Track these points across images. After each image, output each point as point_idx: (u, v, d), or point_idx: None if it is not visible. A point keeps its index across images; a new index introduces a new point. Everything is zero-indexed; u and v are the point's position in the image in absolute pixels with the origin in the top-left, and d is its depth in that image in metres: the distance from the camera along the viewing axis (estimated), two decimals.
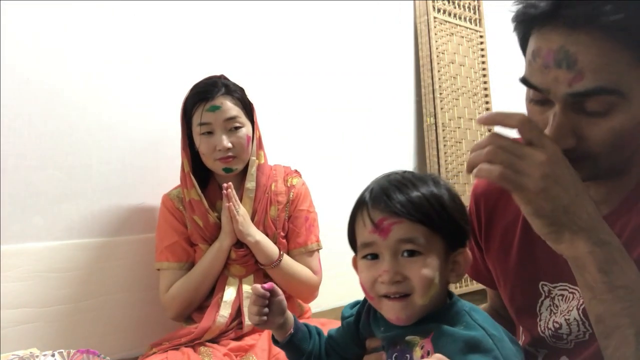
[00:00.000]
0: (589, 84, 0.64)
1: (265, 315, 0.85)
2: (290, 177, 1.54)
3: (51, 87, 1.48)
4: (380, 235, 0.73)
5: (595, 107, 0.65)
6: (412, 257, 0.72)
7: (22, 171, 1.44)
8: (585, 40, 0.63)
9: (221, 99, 1.38)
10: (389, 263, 0.72)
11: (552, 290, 0.81)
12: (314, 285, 1.49)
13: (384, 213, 0.73)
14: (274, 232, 1.46)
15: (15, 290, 1.40)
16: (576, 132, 0.67)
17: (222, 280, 1.43)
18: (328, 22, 2.15)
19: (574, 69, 0.64)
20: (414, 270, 0.72)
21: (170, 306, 1.43)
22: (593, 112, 0.66)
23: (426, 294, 0.72)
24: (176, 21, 1.72)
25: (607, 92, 0.64)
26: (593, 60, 0.63)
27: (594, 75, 0.63)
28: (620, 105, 0.65)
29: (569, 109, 0.67)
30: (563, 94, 0.66)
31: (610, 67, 0.63)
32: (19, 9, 1.43)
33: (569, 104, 0.67)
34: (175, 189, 1.52)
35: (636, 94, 0.64)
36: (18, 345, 1.32)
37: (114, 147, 1.59)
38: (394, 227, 0.72)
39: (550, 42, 0.66)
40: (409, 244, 0.72)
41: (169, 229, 1.46)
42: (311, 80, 2.08)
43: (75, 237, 1.52)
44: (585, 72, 0.64)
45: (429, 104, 2.44)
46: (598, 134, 0.66)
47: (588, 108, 0.66)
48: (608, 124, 0.66)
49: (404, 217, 0.72)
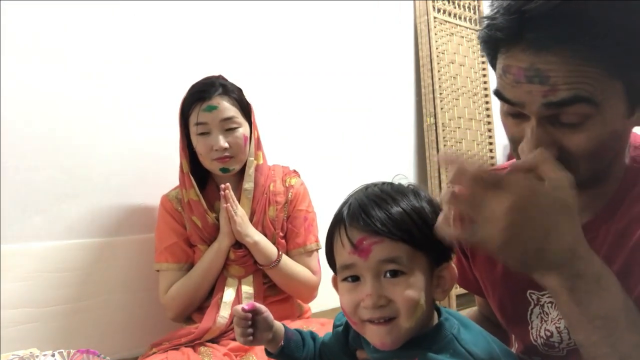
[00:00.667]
0: (564, 94, 0.64)
1: (250, 335, 0.83)
2: (289, 177, 1.54)
3: (51, 87, 1.48)
4: (360, 256, 0.69)
5: (571, 119, 0.65)
6: (395, 277, 0.68)
7: (22, 171, 1.44)
8: (553, 60, 0.63)
9: (218, 99, 1.38)
10: (371, 286, 0.68)
11: (540, 298, 0.81)
12: (313, 285, 1.48)
13: (363, 232, 0.69)
14: (273, 233, 1.46)
15: (15, 290, 1.40)
16: (556, 144, 0.67)
17: (222, 280, 1.43)
18: (328, 22, 2.15)
19: (547, 84, 0.64)
20: (397, 292, 0.68)
21: (170, 307, 1.44)
22: (568, 123, 0.66)
23: (412, 317, 0.68)
24: (176, 21, 1.72)
25: (583, 100, 0.64)
26: (565, 75, 0.63)
27: (568, 86, 0.63)
28: (593, 116, 0.65)
29: (545, 121, 0.67)
30: (538, 106, 0.66)
31: (582, 79, 0.63)
32: (19, 9, 1.43)
33: (544, 116, 0.67)
34: (174, 189, 1.52)
35: (607, 105, 0.64)
36: (18, 345, 1.32)
37: (114, 147, 1.59)
38: (375, 247, 0.68)
39: (520, 62, 0.66)
40: (392, 264, 0.68)
41: (168, 230, 1.46)
42: (311, 80, 2.08)
43: (75, 237, 1.52)
44: (558, 84, 0.64)
45: (429, 104, 2.44)
46: (576, 143, 0.66)
47: (563, 119, 0.66)
48: (584, 134, 0.66)
49: (385, 235, 0.68)
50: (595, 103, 0.64)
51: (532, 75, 0.65)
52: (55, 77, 1.49)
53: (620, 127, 0.68)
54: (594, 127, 0.65)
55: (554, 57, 0.63)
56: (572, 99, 0.63)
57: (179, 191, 1.48)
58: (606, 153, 0.69)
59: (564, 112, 0.65)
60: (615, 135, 0.68)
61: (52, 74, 1.49)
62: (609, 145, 0.68)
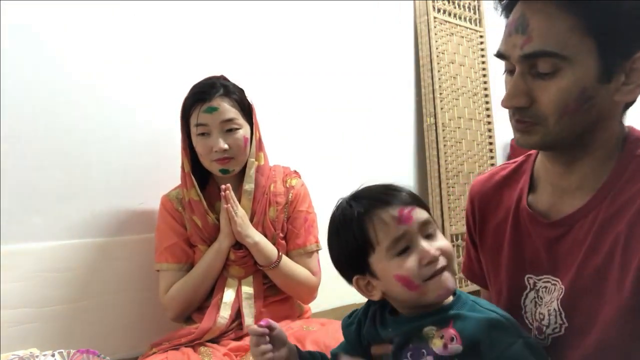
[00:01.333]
0: (535, 46, 0.71)
1: (270, 352, 0.83)
2: (290, 177, 1.54)
3: (51, 87, 1.48)
4: (406, 223, 0.77)
5: (545, 68, 0.72)
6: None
7: (22, 171, 1.44)
8: (537, 6, 0.72)
9: (218, 101, 1.38)
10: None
11: (537, 282, 0.84)
12: (313, 286, 1.48)
13: (400, 205, 0.78)
14: (273, 233, 1.46)
15: (15, 290, 1.40)
16: (530, 95, 0.74)
17: (222, 281, 1.43)
18: (328, 22, 2.15)
19: (525, 33, 0.72)
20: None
21: (170, 307, 1.44)
22: (544, 73, 0.72)
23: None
24: (176, 21, 1.72)
25: (549, 54, 0.71)
26: (540, 24, 0.71)
27: (539, 39, 0.71)
28: (565, 68, 0.71)
29: (526, 72, 0.74)
30: (516, 57, 0.74)
31: (554, 31, 0.71)
32: (19, 9, 1.43)
33: (525, 66, 0.74)
34: (174, 189, 1.52)
35: (580, 58, 0.71)
36: (18, 345, 1.32)
37: (114, 147, 1.59)
38: (412, 212, 0.78)
39: (515, 13, 0.75)
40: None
41: (168, 230, 1.46)
42: (311, 80, 2.07)
43: (75, 237, 1.52)
44: (533, 35, 0.72)
45: (429, 104, 2.44)
46: (547, 94, 0.73)
47: (540, 69, 0.73)
48: (555, 85, 0.72)
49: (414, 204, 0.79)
50: (562, 57, 0.70)
51: (518, 24, 0.73)
52: (55, 77, 1.49)
53: (591, 87, 0.72)
54: (563, 80, 0.71)
55: (540, 6, 0.71)
56: (540, 52, 0.71)
57: (180, 191, 1.48)
58: (576, 112, 0.73)
59: (538, 62, 0.72)
60: (585, 94, 0.72)
61: (52, 74, 1.49)
62: (579, 104, 0.72)
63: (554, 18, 0.70)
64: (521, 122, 0.76)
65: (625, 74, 0.72)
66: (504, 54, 0.76)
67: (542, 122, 0.74)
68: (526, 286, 0.86)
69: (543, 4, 0.71)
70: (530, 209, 0.85)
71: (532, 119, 0.75)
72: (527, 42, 0.72)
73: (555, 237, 0.81)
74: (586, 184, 0.79)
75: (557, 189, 0.83)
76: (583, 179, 0.79)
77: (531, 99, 0.74)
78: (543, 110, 0.74)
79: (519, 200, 0.88)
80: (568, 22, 0.70)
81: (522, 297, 0.86)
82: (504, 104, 0.77)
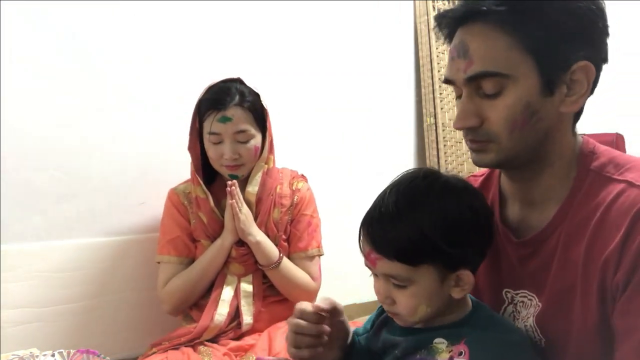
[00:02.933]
0: (477, 68, 0.74)
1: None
2: (296, 180, 1.54)
3: (51, 87, 1.48)
4: (370, 264, 0.77)
5: (489, 89, 0.74)
6: (397, 288, 0.75)
7: (22, 171, 1.44)
8: (475, 31, 0.74)
9: (233, 110, 1.36)
10: (381, 286, 0.78)
11: (514, 297, 0.84)
12: (311, 291, 1.48)
13: (369, 245, 0.77)
14: (275, 235, 1.46)
15: (15, 290, 1.41)
16: (479, 114, 0.76)
17: (221, 278, 1.43)
18: (328, 23, 2.14)
19: (466, 57, 0.75)
20: (400, 298, 0.76)
21: (168, 300, 1.43)
22: (490, 94, 0.75)
23: (413, 316, 0.76)
24: (177, 21, 1.72)
25: (491, 74, 0.73)
26: (479, 47, 0.74)
27: (480, 61, 0.73)
28: (508, 86, 0.73)
29: (473, 93, 0.76)
30: (461, 80, 0.76)
31: (493, 52, 0.73)
32: (19, 9, 1.43)
33: (470, 89, 0.76)
34: (182, 183, 1.51)
35: (521, 75, 0.73)
36: (18, 345, 1.32)
37: (114, 147, 1.59)
38: (378, 262, 0.76)
39: (456, 39, 0.77)
40: (392, 279, 0.75)
41: (172, 224, 1.46)
42: (311, 80, 2.07)
43: (75, 237, 1.52)
44: (474, 58, 0.74)
45: (429, 104, 2.44)
46: (495, 113, 0.75)
47: (485, 90, 0.75)
48: (502, 102, 0.74)
49: (382, 254, 0.74)
50: (504, 75, 0.72)
51: (459, 50, 0.76)
52: (55, 77, 1.49)
53: (535, 101, 0.73)
54: (508, 97, 0.73)
55: (477, 28, 0.74)
56: (482, 73, 0.73)
57: (188, 185, 1.48)
58: (525, 126, 0.74)
59: (483, 83, 0.74)
60: (530, 109, 0.74)
61: (52, 74, 1.49)
62: (526, 118, 0.74)
63: (491, 40, 0.73)
64: (475, 141, 0.78)
65: (567, 86, 0.74)
66: (450, 79, 0.79)
67: (495, 140, 0.76)
68: (504, 300, 0.86)
69: (480, 28, 0.74)
70: (503, 223, 0.86)
71: (485, 137, 0.77)
72: (469, 66, 0.74)
73: (526, 255, 0.81)
74: (551, 197, 0.79)
75: (523, 203, 0.84)
76: (546, 192, 0.80)
77: (481, 118, 0.76)
78: (494, 129, 0.75)
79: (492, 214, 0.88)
80: (506, 42, 0.72)
81: (501, 311, 0.86)
82: (456, 125, 0.79)
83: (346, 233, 2.05)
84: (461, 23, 0.76)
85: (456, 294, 0.76)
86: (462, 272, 0.75)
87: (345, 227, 2.17)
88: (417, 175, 0.79)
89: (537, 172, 0.80)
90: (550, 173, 0.79)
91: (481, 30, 0.74)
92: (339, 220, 1.93)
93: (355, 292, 2.04)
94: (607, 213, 0.72)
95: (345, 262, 2.06)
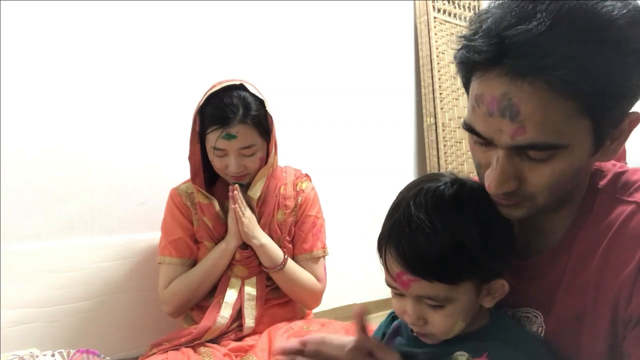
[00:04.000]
0: (532, 138, 0.63)
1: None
2: (300, 181, 1.52)
3: (51, 87, 1.48)
4: (401, 286, 0.72)
5: (538, 156, 0.66)
6: (434, 309, 0.71)
7: (22, 171, 1.44)
8: (528, 90, 0.62)
9: (237, 128, 1.31)
10: (411, 308, 0.72)
11: (515, 313, 0.82)
12: (317, 292, 1.47)
13: (401, 267, 0.70)
14: (279, 236, 1.45)
15: (15, 290, 1.40)
16: (519, 177, 0.68)
17: (225, 280, 1.42)
18: (328, 23, 2.15)
19: (516, 120, 0.63)
20: (435, 319, 0.71)
21: (170, 301, 1.42)
22: (536, 159, 0.66)
23: (447, 334, 0.73)
24: (178, 21, 1.72)
25: (549, 147, 0.64)
26: (535, 112, 0.62)
27: (536, 128, 0.63)
28: (561, 153, 0.65)
29: (513, 154, 0.67)
30: (506, 144, 0.66)
31: (552, 120, 0.62)
32: (19, 9, 1.43)
33: (513, 152, 0.67)
34: (184, 183, 1.50)
35: (577, 142, 0.64)
36: (18, 345, 1.32)
37: (114, 146, 1.59)
38: (412, 284, 0.70)
39: (494, 89, 0.64)
40: (429, 300, 0.70)
41: (175, 224, 1.45)
42: (310, 80, 2.08)
43: (75, 237, 1.52)
44: (527, 124, 0.63)
45: (429, 104, 2.44)
46: (538, 177, 0.67)
47: (531, 155, 0.66)
48: (549, 168, 0.66)
49: (419, 276, 0.69)
50: (563, 146, 0.64)
51: (504, 107, 0.63)
52: (55, 77, 1.49)
53: (585, 164, 0.69)
54: (560, 164, 0.66)
55: (529, 87, 0.61)
56: (539, 145, 0.64)
57: (190, 185, 1.46)
58: (566, 185, 0.70)
59: (531, 150, 0.65)
60: (579, 171, 0.69)
61: (52, 74, 1.49)
62: (570, 178, 0.69)
63: (549, 105, 0.61)
64: (507, 200, 0.71)
65: (611, 139, 0.68)
66: (485, 136, 0.68)
67: (530, 199, 0.69)
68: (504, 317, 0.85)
69: (532, 87, 0.61)
70: None
71: (520, 198, 0.70)
72: (520, 133, 0.63)
73: (529, 276, 0.79)
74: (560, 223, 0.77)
75: (528, 226, 0.80)
76: (557, 220, 0.77)
77: (520, 180, 0.68)
78: (532, 190, 0.68)
79: None
80: (566, 109, 0.62)
81: None
82: (494, 191, 0.69)
83: (345, 233, 2.06)
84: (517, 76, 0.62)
85: (487, 303, 0.74)
86: (497, 282, 0.73)
87: (343, 228, 2.18)
88: (439, 182, 0.73)
89: (556, 209, 0.75)
90: (567, 210, 0.75)
91: (535, 91, 0.61)
92: (339, 220, 1.93)
93: (356, 292, 2.04)
94: (617, 236, 0.68)
95: (346, 263, 2.06)
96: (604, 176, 0.74)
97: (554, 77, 0.60)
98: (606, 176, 0.74)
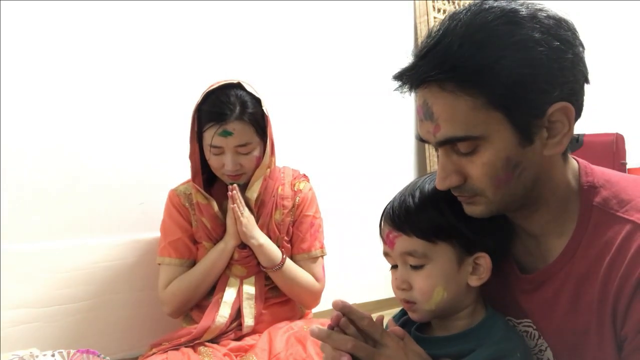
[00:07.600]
0: (446, 133, 0.71)
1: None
2: (298, 181, 1.53)
3: (51, 87, 1.49)
4: (389, 246, 0.81)
5: (464, 149, 0.72)
6: (414, 269, 0.78)
7: (23, 171, 1.44)
8: (437, 93, 0.70)
9: (234, 124, 1.32)
10: (399, 272, 0.80)
11: (516, 325, 0.84)
12: (316, 291, 1.47)
13: (389, 226, 0.80)
14: (278, 236, 1.45)
15: (15, 290, 1.40)
16: (461, 171, 0.74)
17: (223, 280, 1.42)
18: (328, 23, 2.15)
19: (433, 120, 0.72)
20: (416, 279, 0.78)
21: (170, 302, 1.43)
22: (465, 152, 0.72)
23: (429, 302, 0.78)
24: (177, 22, 1.72)
25: (459, 139, 0.70)
26: (442, 110, 0.70)
27: (447, 125, 0.70)
28: (482, 144, 0.70)
29: (449, 152, 0.74)
30: (434, 142, 0.74)
31: (457, 116, 0.69)
32: (19, 9, 1.43)
33: (445, 149, 0.74)
34: (182, 184, 1.50)
35: (493, 132, 0.69)
36: (18, 345, 1.32)
37: (114, 147, 1.59)
38: (396, 240, 0.79)
39: (419, 99, 0.74)
40: (410, 257, 0.78)
41: (173, 225, 1.45)
42: (310, 80, 2.08)
43: (75, 237, 1.52)
44: (440, 122, 0.71)
45: None
46: (475, 170, 0.72)
47: (461, 149, 0.72)
48: (479, 160, 0.71)
49: (401, 231, 0.78)
50: (475, 137, 0.69)
51: (424, 112, 0.73)
52: (55, 77, 1.49)
53: (515, 154, 0.70)
54: (486, 154, 0.71)
55: (438, 90, 0.69)
56: (451, 139, 0.71)
57: (188, 186, 1.46)
58: (510, 180, 0.72)
59: (456, 144, 0.72)
60: (511, 162, 0.71)
61: (52, 74, 1.49)
62: (509, 173, 0.71)
63: (453, 102, 0.69)
64: (462, 196, 0.76)
65: (547, 129, 0.70)
66: (423, 139, 0.77)
67: (482, 194, 0.74)
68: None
69: (438, 89, 0.69)
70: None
71: (471, 192, 0.74)
72: (437, 130, 0.71)
73: (529, 289, 0.81)
74: (551, 231, 0.78)
75: (525, 235, 0.82)
76: (545, 226, 0.78)
77: (463, 175, 0.73)
78: (478, 185, 0.73)
79: None
80: (467, 103, 0.68)
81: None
82: (440, 186, 0.75)
83: (345, 233, 2.06)
84: (419, 84, 0.72)
85: (473, 281, 0.78)
86: (479, 255, 0.78)
87: (342, 228, 2.19)
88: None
89: (533, 211, 0.77)
90: (546, 210, 0.77)
91: (440, 92, 0.69)
92: (339, 220, 1.93)
93: (355, 292, 2.05)
94: (617, 256, 0.70)
95: (345, 263, 2.06)
96: (598, 192, 0.76)
97: (452, 79, 0.68)
98: (600, 192, 0.76)
